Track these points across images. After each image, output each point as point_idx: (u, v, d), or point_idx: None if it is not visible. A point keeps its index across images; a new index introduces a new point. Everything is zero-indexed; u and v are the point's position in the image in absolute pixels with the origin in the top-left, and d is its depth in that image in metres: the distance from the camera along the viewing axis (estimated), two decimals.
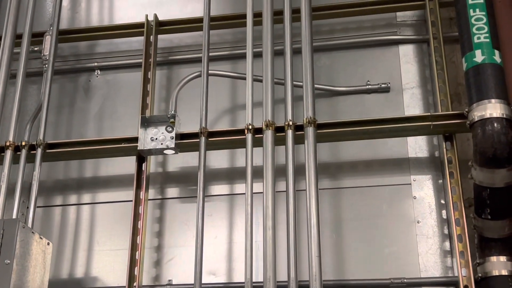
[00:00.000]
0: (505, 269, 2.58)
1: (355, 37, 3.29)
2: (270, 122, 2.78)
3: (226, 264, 2.95)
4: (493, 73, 2.58)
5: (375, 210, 2.94)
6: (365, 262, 2.85)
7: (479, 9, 2.68)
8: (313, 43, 2.95)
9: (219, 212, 3.06)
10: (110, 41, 3.54)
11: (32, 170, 2.90)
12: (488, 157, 2.48)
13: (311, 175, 2.65)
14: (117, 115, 3.34)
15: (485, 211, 2.58)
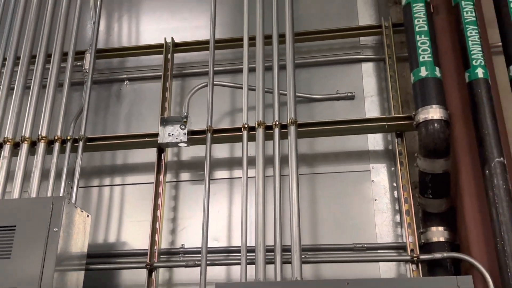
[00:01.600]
0: (442, 236, 2.61)
1: (328, 56, 3.29)
2: (261, 122, 2.79)
3: (226, 232, 2.97)
4: (434, 85, 2.59)
5: (342, 191, 2.96)
6: (334, 231, 2.87)
7: (423, 35, 2.69)
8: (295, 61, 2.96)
9: (221, 192, 3.07)
10: (136, 58, 3.53)
11: (75, 158, 2.90)
12: (430, 150, 2.51)
13: (293, 163, 2.66)
14: (142, 116, 3.35)
15: (427, 191, 2.60)
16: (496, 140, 2.44)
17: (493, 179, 2.37)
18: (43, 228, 2.45)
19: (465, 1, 2.77)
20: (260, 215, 2.58)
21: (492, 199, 2.35)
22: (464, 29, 2.71)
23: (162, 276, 2.89)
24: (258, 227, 2.56)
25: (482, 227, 2.45)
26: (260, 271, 2.46)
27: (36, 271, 2.37)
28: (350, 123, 2.85)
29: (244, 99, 2.86)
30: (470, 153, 2.58)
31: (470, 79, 2.62)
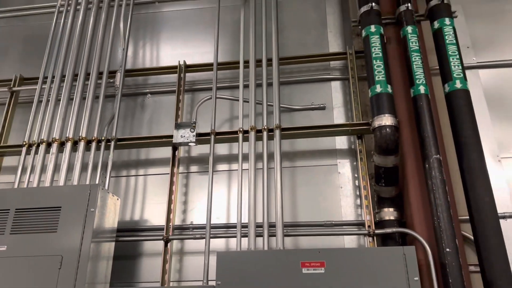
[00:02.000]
0: (393, 215, 2.62)
1: (305, 76, 3.28)
2: (253, 127, 2.79)
3: (226, 212, 2.95)
4: (387, 98, 2.60)
5: (316, 180, 2.96)
6: (310, 211, 2.87)
7: (378, 60, 2.70)
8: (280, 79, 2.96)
9: (222, 181, 3.06)
10: (156, 77, 3.50)
11: (108, 154, 2.88)
12: (383, 148, 2.52)
13: (277, 159, 2.66)
14: (160, 122, 3.32)
15: (381, 181, 2.61)
16: (434, 141, 2.47)
17: (432, 171, 2.39)
18: (82, 209, 2.45)
19: (410, 34, 2.80)
20: (252, 198, 2.58)
21: (431, 187, 2.37)
22: (410, 55, 2.73)
23: (175, 247, 2.89)
24: (250, 208, 2.56)
25: (423, 209, 2.47)
26: (251, 242, 2.46)
27: (77, 243, 2.37)
28: (322, 128, 2.86)
29: (240, 109, 2.86)
30: (414, 151, 2.60)
31: (414, 94, 2.64)
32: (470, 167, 2.39)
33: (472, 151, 2.41)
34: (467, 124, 2.49)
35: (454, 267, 2.17)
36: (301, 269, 2.20)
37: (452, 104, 2.58)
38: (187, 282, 2.77)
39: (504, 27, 3.22)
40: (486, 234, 2.24)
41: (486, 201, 2.29)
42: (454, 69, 2.63)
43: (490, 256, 2.20)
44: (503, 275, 2.17)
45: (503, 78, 3.07)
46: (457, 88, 2.59)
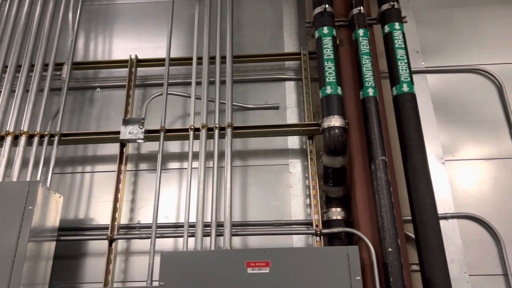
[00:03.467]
0: (340, 215, 2.65)
1: (260, 75, 3.27)
2: (204, 124, 2.75)
3: (175, 211, 2.90)
4: (337, 100, 2.63)
5: (267, 180, 2.95)
6: (260, 211, 2.86)
7: (330, 61, 2.73)
8: (233, 77, 2.93)
9: (173, 179, 2.99)
10: (109, 70, 3.38)
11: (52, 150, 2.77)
12: (331, 149, 2.54)
13: (228, 157, 2.64)
14: (110, 117, 3.21)
15: (329, 181, 2.64)
16: (380, 142, 2.51)
17: (377, 172, 2.44)
18: (20, 207, 2.33)
19: (362, 37, 2.84)
20: (201, 198, 2.54)
21: (376, 187, 2.42)
22: (360, 58, 2.77)
23: (121, 246, 2.80)
24: (198, 207, 2.52)
25: (368, 209, 2.51)
26: (198, 242, 2.43)
27: (12, 242, 2.25)
28: (273, 127, 2.85)
29: (192, 106, 2.81)
30: (362, 152, 2.64)
31: (363, 96, 2.68)
32: (413, 169, 2.46)
33: (416, 153, 2.48)
34: (412, 127, 2.55)
35: (395, 267, 2.22)
36: (246, 269, 2.19)
37: (399, 107, 2.64)
38: (132, 282, 2.69)
39: (452, 34, 3.33)
40: (426, 234, 2.31)
41: (427, 202, 2.36)
42: (401, 73, 2.70)
43: (430, 256, 2.27)
44: (441, 274, 2.24)
45: (449, 83, 3.18)
46: (404, 91, 2.66)
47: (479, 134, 2.99)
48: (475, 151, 2.94)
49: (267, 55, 3.20)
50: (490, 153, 2.92)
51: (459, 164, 2.91)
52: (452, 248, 2.65)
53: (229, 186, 2.55)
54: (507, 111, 3.01)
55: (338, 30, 3.01)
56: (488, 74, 3.14)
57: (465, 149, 2.95)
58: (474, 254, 2.65)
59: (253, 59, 3.21)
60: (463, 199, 2.80)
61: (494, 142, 2.95)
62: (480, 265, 2.62)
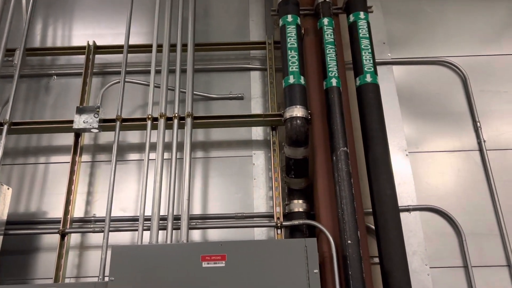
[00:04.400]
0: (301, 207, 2.60)
1: (225, 64, 3.19)
2: (163, 114, 2.65)
3: (133, 204, 2.80)
4: (299, 90, 2.57)
5: (230, 171, 2.88)
6: (221, 203, 2.79)
7: (293, 50, 2.67)
8: (197, 66, 2.86)
9: (132, 171, 2.89)
10: (68, 57, 3.25)
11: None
12: (293, 140, 2.48)
13: (187, 148, 2.56)
14: (66, 106, 3.07)
15: (291, 172, 2.59)
16: (342, 134, 2.47)
17: (338, 163, 2.39)
18: None
19: (326, 26, 2.79)
20: (157, 190, 2.45)
21: (337, 179, 2.37)
22: (325, 47, 2.72)
23: (75, 241, 2.68)
24: (155, 199, 2.43)
25: (329, 201, 2.46)
26: (153, 236, 2.33)
27: None
28: (235, 118, 2.77)
29: (150, 94, 2.71)
30: (325, 144, 2.59)
31: (326, 86, 2.63)
32: (374, 160, 2.43)
33: (378, 144, 2.45)
34: (374, 118, 2.52)
35: (355, 259, 2.18)
36: (201, 263, 2.11)
37: (362, 97, 2.60)
38: (85, 278, 2.58)
39: (419, 25, 3.31)
40: (386, 226, 2.28)
41: (388, 193, 2.33)
42: (365, 63, 2.66)
43: (389, 248, 2.24)
44: (400, 266, 2.22)
45: (415, 75, 3.16)
46: (368, 82, 2.62)
47: (443, 127, 2.98)
48: (439, 144, 2.93)
49: (231, 44, 3.12)
50: (454, 146, 2.92)
51: (422, 156, 2.90)
52: (414, 240, 2.64)
53: (188, 178, 2.47)
54: (471, 103, 3.01)
55: (304, 19, 2.95)
56: (454, 66, 3.14)
57: (429, 142, 2.94)
58: (436, 247, 2.65)
59: (217, 48, 3.12)
60: (426, 192, 2.79)
61: (457, 135, 2.95)
62: (441, 257, 2.62)
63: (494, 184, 2.75)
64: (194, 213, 2.72)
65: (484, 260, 2.59)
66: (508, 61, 3.15)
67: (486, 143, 2.87)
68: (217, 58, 3.24)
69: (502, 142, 2.91)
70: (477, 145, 2.90)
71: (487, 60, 3.17)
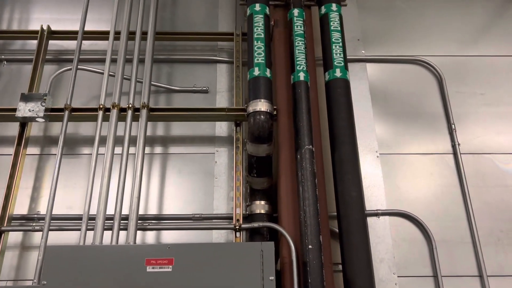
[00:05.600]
0: (263, 209, 2.43)
1: (190, 55, 3.02)
2: (116, 104, 2.46)
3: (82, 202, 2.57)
4: (264, 83, 2.41)
5: (190, 169, 2.70)
6: (179, 203, 2.60)
7: (260, 41, 2.51)
8: (159, 56, 2.68)
9: (83, 166, 2.68)
10: (22, 42, 3.05)
11: None
12: (255, 136, 2.32)
13: (140, 142, 2.38)
14: (15, 94, 2.79)
15: (253, 171, 2.42)
16: (308, 131, 2.32)
17: (302, 162, 2.24)
18: None
19: (296, 17, 2.65)
20: (104, 186, 2.25)
21: (300, 178, 2.22)
22: (294, 40, 2.57)
23: (15, 240, 2.46)
24: (101, 197, 2.23)
25: (292, 202, 2.30)
26: (97, 237, 2.13)
27: None
28: (195, 111, 2.60)
29: (104, 82, 2.52)
30: (290, 141, 2.43)
31: (293, 80, 2.49)
32: (340, 159, 2.28)
33: (345, 143, 2.30)
34: (342, 115, 2.37)
35: (315, 266, 2.02)
36: (146, 267, 1.92)
37: (330, 93, 2.46)
38: (24, 281, 2.36)
39: (395, 23, 3.20)
40: (349, 230, 2.13)
41: (353, 195, 2.18)
42: (335, 57, 2.52)
43: (352, 254, 2.09)
44: (363, 274, 2.06)
45: (389, 74, 3.04)
46: (337, 77, 2.47)
47: (417, 128, 2.86)
48: (412, 146, 2.80)
49: (197, 33, 2.95)
50: (427, 148, 2.80)
51: (394, 158, 2.76)
52: (382, 247, 2.49)
53: (139, 174, 2.28)
54: (446, 105, 2.90)
55: (274, 10, 2.81)
56: (430, 66, 3.02)
57: (401, 143, 2.81)
58: (405, 254, 2.50)
59: (181, 37, 2.95)
60: (396, 196, 2.65)
61: (431, 137, 2.83)
62: (410, 265, 2.48)
63: (468, 190, 2.63)
64: (149, 213, 2.53)
65: (454, 269, 2.46)
66: (485, 62, 3.05)
67: (461, 147, 2.76)
68: (182, 48, 3.06)
69: (477, 146, 2.80)
70: (451, 148, 2.78)
71: (463, 61, 3.07)
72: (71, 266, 1.91)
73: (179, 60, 2.99)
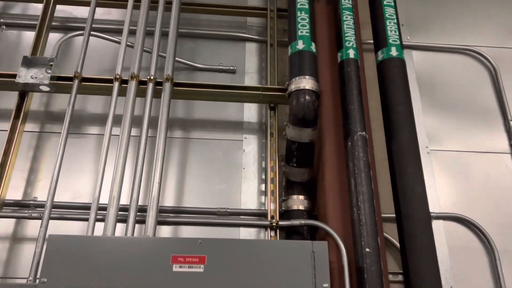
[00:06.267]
0: (302, 205, 2.08)
1: (215, 31, 2.69)
2: (135, 75, 2.10)
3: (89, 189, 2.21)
4: (309, 58, 2.09)
5: (214, 157, 2.34)
6: (200, 195, 2.24)
7: (304, 12, 2.20)
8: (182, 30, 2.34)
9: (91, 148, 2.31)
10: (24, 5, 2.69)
11: None
12: (299, 118, 1.98)
13: (163, 121, 2.03)
14: (14, 62, 2.44)
15: (293, 160, 2.08)
16: (360, 115, 1.99)
17: (355, 151, 1.90)
18: None
19: None
20: (119, 173, 1.88)
21: (352, 169, 1.88)
22: (341, 13, 2.26)
23: (5, 230, 2.07)
24: (115, 184, 1.86)
25: (339, 198, 1.96)
26: (109, 228, 1.76)
27: None
28: (227, 88, 2.26)
29: (121, 50, 2.17)
30: (335, 127, 2.10)
31: (342, 58, 2.16)
32: (400, 149, 1.94)
33: (404, 131, 1.97)
34: (400, 98, 2.05)
35: (374, 272, 1.67)
36: (172, 265, 1.56)
37: (385, 74, 2.13)
38: (15, 279, 1.97)
39: (442, 9, 2.91)
40: (414, 232, 1.79)
41: (417, 191, 1.85)
42: (390, 34, 2.20)
43: (418, 261, 1.74)
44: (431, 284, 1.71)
45: (436, 64, 2.74)
46: (393, 56, 2.16)
47: (468, 123, 2.55)
48: (465, 142, 2.49)
49: (225, 6, 2.62)
50: (482, 146, 2.48)
51: (445, 155, 2.44)
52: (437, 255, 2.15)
53: (160, 156, 1.92)
54: (502, 99, 2.60)
55: None
56: (482, 56, 2.73)
57: (453, 139, 2.50)
58: (461, 265, 2.17)
59: (206, 9, 2.62)
60: (449, 198, 2.33)
61: (486, 134, 2.52)
62: (468, 278, 2.14)
63: None
64: (165, 205, 2.16)
65: None
66: None
67: None
68: (206, 23, 2.73)
69: None
70: (509, 148, 2.47)
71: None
72: (78, 262, 1.53)
73: (204, 35, 2.66)
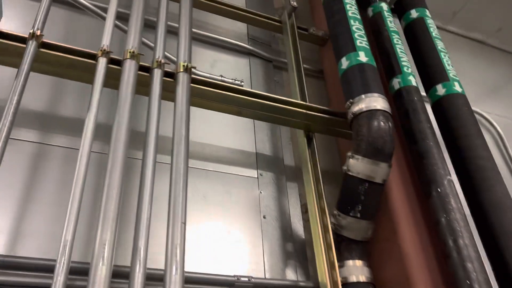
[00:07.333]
0: (363, 274, 1.46)
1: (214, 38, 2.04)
2: (135, 53, 1.33)
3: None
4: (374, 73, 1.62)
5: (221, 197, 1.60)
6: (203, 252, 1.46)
7: (358, 22, 1.75)
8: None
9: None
10: None
11: None
12: (376, 148, 1.43)
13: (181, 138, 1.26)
14: None
15: (357, 207, 1.46)
16: (441, 153, 1.53)
17: (446, 202, 1.41)
18: None
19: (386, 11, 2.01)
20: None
21: (446, 225, 1.36)
22: (390, 36, 1.90)
23: None
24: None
25: (426, 265, 1.40)
26: None
27: None
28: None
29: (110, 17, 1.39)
30: (400, 169, 1.60)
31: (401, 85, 1.73)
32: (496, 203, 1.49)
33: (496, 182, 1.54)
34: (480, 143, 1.64)
35: None
36: None
37: (455, 112, 1.71)
38: None
39: None
40: None
41: None
42: (449, 69, 1.85)
43: None
44: None
45: None
46: (458, 91, 1.78)
47: None
48: None
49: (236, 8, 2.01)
50: None
51: None
52: None
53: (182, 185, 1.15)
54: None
55: None
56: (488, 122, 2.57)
57: None
58: None
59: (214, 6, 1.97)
60: None
61: None
62: None
63: None
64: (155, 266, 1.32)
65: None
66: None
67: None
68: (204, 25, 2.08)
69: None
70: None
71: None
72: None
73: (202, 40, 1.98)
